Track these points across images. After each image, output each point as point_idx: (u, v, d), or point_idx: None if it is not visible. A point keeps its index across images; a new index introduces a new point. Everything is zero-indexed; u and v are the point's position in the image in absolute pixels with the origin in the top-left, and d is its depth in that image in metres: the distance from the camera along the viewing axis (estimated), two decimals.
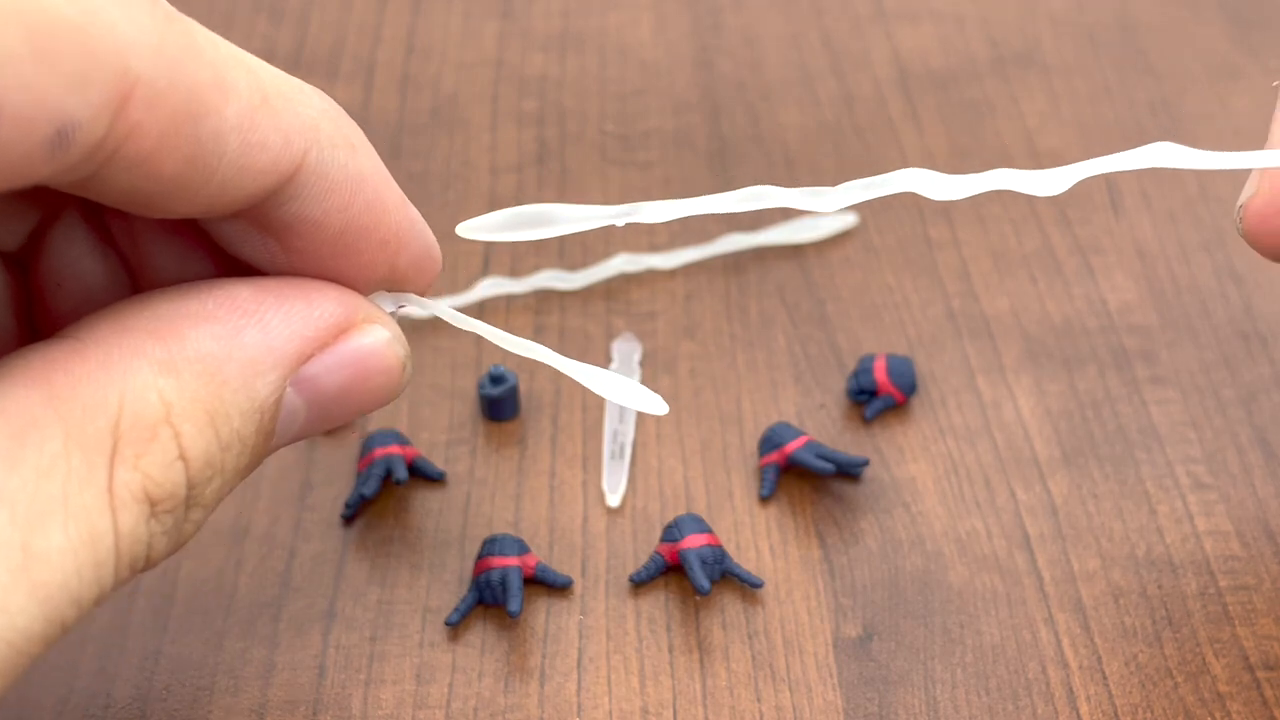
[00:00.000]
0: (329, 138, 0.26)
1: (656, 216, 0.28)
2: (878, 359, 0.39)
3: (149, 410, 0.24)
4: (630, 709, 0.33)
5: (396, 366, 0.28)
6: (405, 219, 0.28)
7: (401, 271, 0.29)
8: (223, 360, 0.25)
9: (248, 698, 0.33)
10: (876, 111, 0.50)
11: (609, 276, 0.43)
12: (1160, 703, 0.32)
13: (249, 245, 0.27)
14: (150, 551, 0.24)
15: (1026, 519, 0.36)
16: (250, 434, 0.26)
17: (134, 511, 0.24)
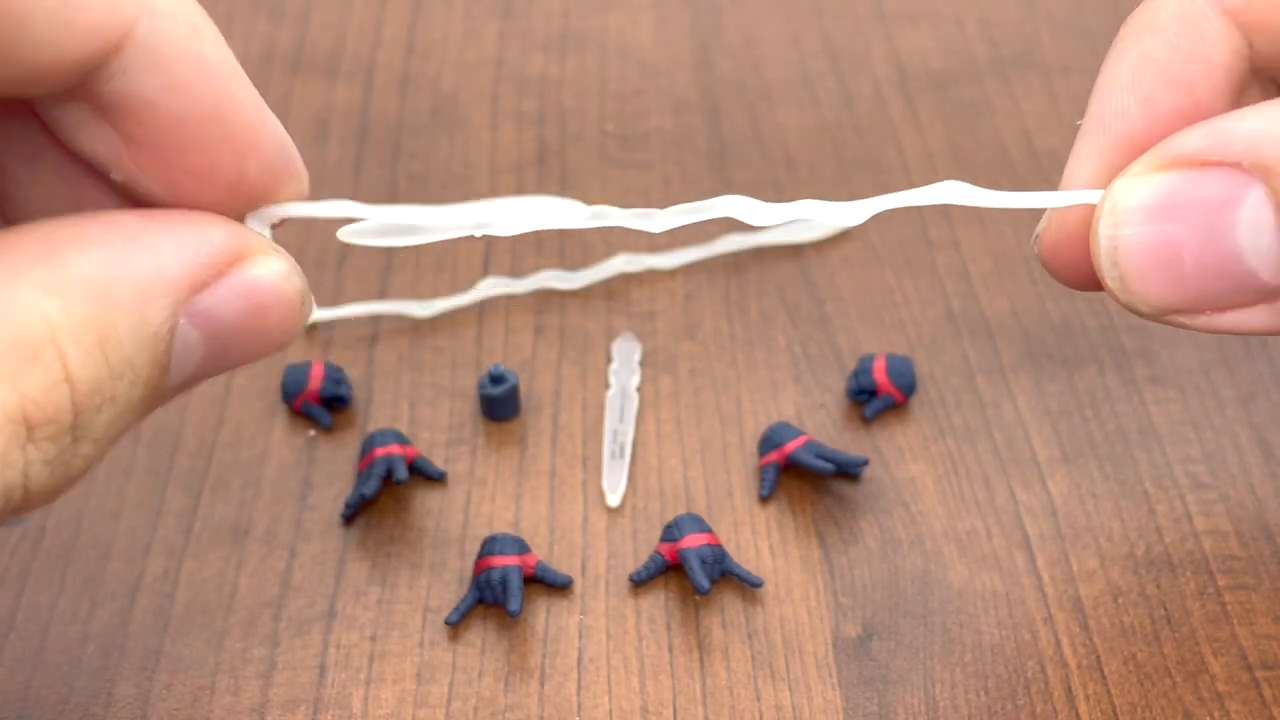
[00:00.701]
0: (165, 12, 0.25)
1: (507, 230, 0.29)
2: (877, 359, 0.39)
3: (31, 331, 0.23)
4: (630, 708, 0.33)
5: (295, 299, 0.27)
6: (256, 117, 0.26)
7: (255, 180, 0.27)
8: (111, 283, 0.24)
9: (248, 697, 0.33)
10: (876, 111, 0.50)
11: (609, 276, 0.43)
12: (1159, 702, 0.32)
13: (88, 136, 0.26)
14: (27, 482, 0.23)
15: (1026, 519, 0.36)
16: (143, 364, 0.25)
17: (6, 433, 0.22)
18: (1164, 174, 0.28)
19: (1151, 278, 0.28)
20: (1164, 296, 0.28)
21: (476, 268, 0.44)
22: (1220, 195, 0.27)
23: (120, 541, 0.36)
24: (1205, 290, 0.28)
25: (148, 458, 0.38)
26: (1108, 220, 0.28)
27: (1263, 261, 0.27)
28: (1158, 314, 0.29)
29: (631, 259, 0.44)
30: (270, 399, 0.40)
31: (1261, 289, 0.28)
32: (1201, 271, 0.28)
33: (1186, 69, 0.30)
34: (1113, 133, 0.30)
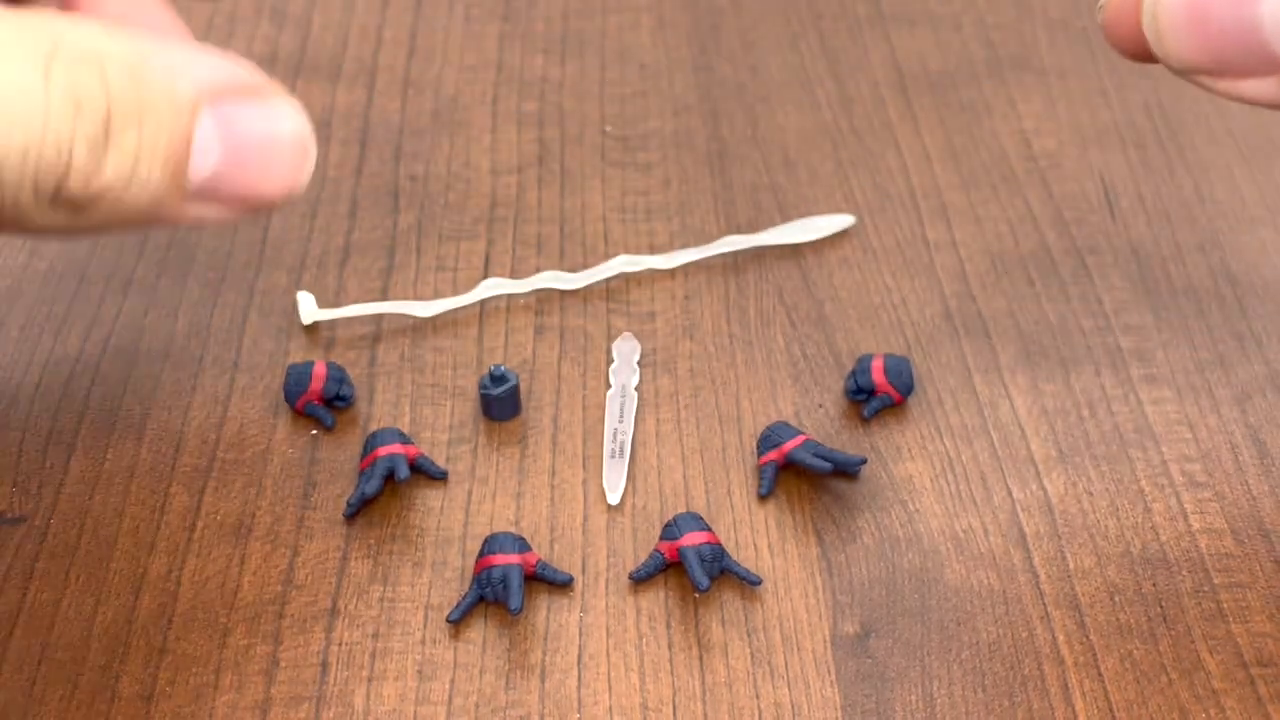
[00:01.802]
0: None
1: None
2: (875, 359, 0.40)
3: (85, 43, 0.29)
4: (630, 705, 0.33)
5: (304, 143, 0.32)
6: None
7: None
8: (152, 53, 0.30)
9: (251, 693, 0.33)
10: (875, 113, 0.50)
11: (609, 276, 0.44)
12: (1155, 699, 0.33)
13: None
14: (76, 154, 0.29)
15: (1023, 517, 0.37)
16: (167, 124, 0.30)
17: (62, 95, 0.28)
18: None
19: (1181, 34, 0.30)
20: (1190, 53, 0.31)
21: (477, 268, 0.44)
22: None
23: (124, 540, 0.37)
24: (1226, 53, 0.30)
25: (151, 456, 0.39)
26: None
27: (1277, 33, 0.29)
28: (1185, 70, 0.31)
29: (631, 259, 0.44)
30: (272, 398, 0.40)
31: (1273, 60, 0.30)
32: (1224, 35, 0.30)
33: None
34: None
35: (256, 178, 0.32)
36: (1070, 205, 0.46)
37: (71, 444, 0.39)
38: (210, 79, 0.31)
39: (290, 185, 0.33)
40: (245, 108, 0.32)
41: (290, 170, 0.33)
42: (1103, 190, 0.47)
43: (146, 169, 0.30)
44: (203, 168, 0.31)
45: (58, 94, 0.29)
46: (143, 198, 0.31)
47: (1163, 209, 0.46)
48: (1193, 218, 0.46)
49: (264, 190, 0.33)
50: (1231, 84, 0.31)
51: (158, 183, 0.31)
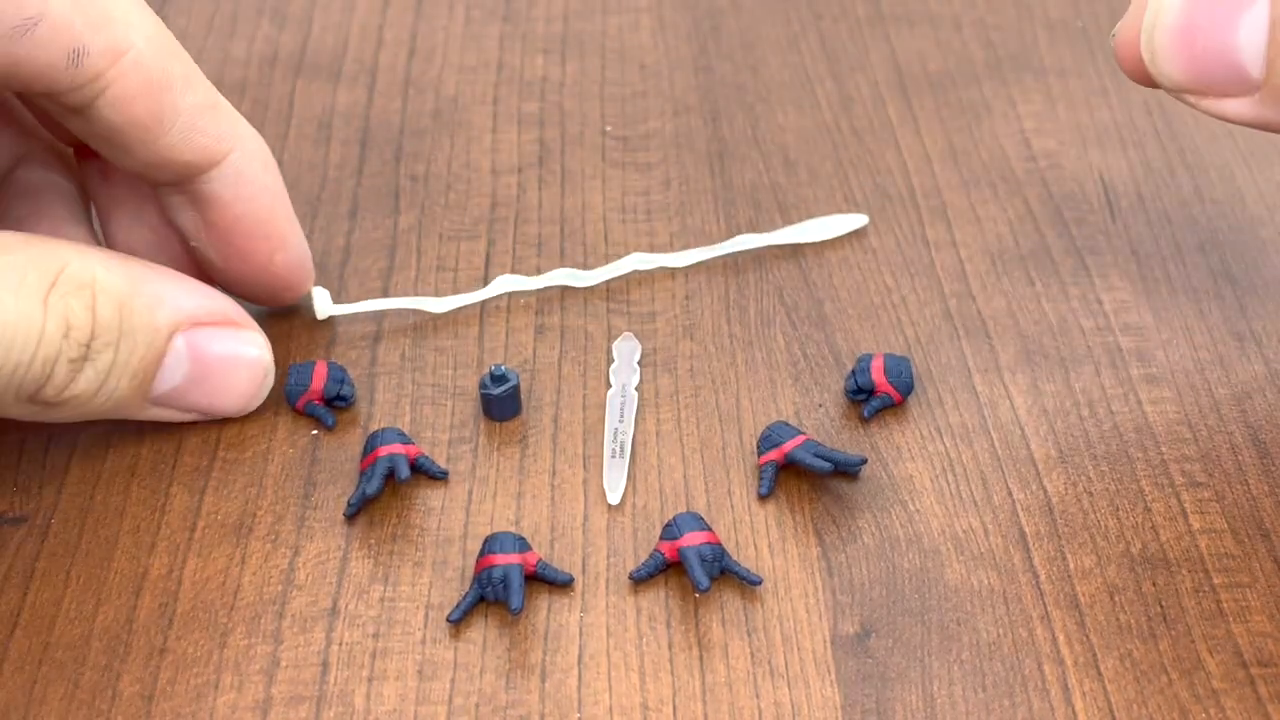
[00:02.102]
0: (250, 151, 0.39)
1: None
2: (875, 358, 0.40)
3: (83, 275, 0.34)
4: (630, 705, 0.33)
5: (263, 369, 0.39)
6: (291, 229, 0.40)
7: (280, 267, 0.40)
8: (141, 282, 0.36)
9: (251, 693, 0.33)
10: (875, 113, 0.51)
11: (622, 274, 0.44)
12: (1155, 699, 0.33)
13: (181, 214, 0.39)
14: (56, 371, 0.34)
15: (1023, 517, 0.37)
16: (142, 346, 0.36)
17: (56, 322, 0.34)
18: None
19: (1172, 55, 0.33)
20: (1179, 74, 0.33)
21: (478, 268, 0.45)
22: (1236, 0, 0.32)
23: (124, 539, 0.37)
24: (1208, 74, 0.33)
25: (151, 456, 0.39)
26: (1153, 4, 0.33)
27: (1252, 57, 0.32)
28: (1175, 89, 0.34)
29: (644, 258, 0.44)
30: (273, 398, 0.40)
31: (1248, 82, 0.33)
32: (1207, 56, 0.33)
33: None
34: None
35: (215, 396, 0.38)
36: (1070, 205, 0.46)
37: (72, 444, 0.39)
38: (191, 309, 0.37)
39: (244, 406, 0.39)
40: (216, 337, 0.38)
41: (246, 394, 0.39)
42: (1103, 190, 0.47)
43: (115, 382, 0.36)
44: (167, 382, 0.37)
45: (52, 322, 0.34)
46: (108, 404, 0.36)
47: (1163, 209, 0.46)
48: (1193, 218, 0.46)
49: (220, 407, 0.39)
50: (1214, 103, 0.34)
51: (122, 393, 0.36)
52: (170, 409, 0.38)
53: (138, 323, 0.36)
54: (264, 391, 0.39)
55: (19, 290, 0.33)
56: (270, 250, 0.40)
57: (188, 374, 0.37)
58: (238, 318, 0.38)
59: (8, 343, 0.33)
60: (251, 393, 0.39)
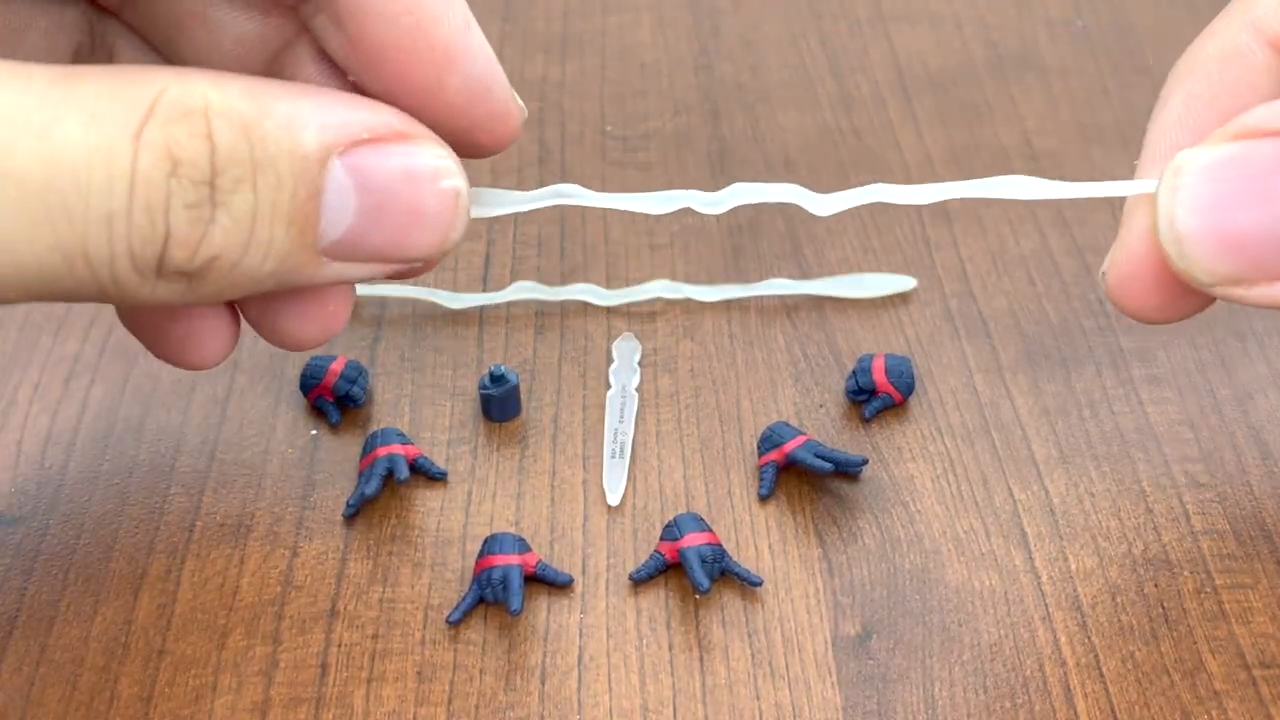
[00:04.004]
0: None
1: None
2: (876, 358, 0.40)
3: (188, 99, 0.27)
4: (630, 707, 0.33)
5: (452, 189, 0.30)
6: (460, 37, 0.30)
7: (454, 95, 0.30)
8: (271, 99, 0.28)
9: (250, 695, 0.33)
10: (875, 113, 0.50)
11: (645, 299, 0.43)
12: (1157, 700, 0.33)
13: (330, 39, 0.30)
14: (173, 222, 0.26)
15: (1024, 518, 0.37)
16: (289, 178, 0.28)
17: (153, 157, 0.26)
18: (1227, 144, 0.28)
19: (1207, 238, 0.28)
20: (1220, 264, 0.28)
21: (478, 268, 0.44)
22: (1275, 158, 0.27)
23: (123, 540, 0.37)
24: (1260, 255, 0.28)
25: (150, 456, 0.39)
26: (1168, 182, 0.28)
27: None
28: (1216, 281, 0.28)
29: (670, 286, 0.43)
30: (272, 398, 0.40)
31: None
32: (1259, 239, 0.27)
33: (1236, 100, 0.30)
34: None
35: (401, 233, 0.30)
36: (1071, 205, 0.46)
37: (70, 444, 0.39)
38: (343, 125, 0.28)
39: (441, 240, 0.30)
40: (384, 156, 0.29)
41: (439, 223, 0.30)
42: None
43: (266, 232, 0.28)
44: (337, 225, 0.29)
45: (148, 157, 0.26)
46: (266, 263, 0.28)
47: None
48: None
49: (411, 246, 0.30)
50: (1267, 290, 0.28)
51: (281, 245, 0.28)
52: (354, 262, 0.30)
53: (276, 149, 0.28)
54: (463, 218, 0.30)
55: (92, 123, 0.26)
56: (438, 69, 0.30)
57: (359, 208, 0.29)
58: (406, 127, 0.30)
59: (84, 186, 0.26)
60: (448, 220, 0.30)
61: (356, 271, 0.30)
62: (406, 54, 0.29)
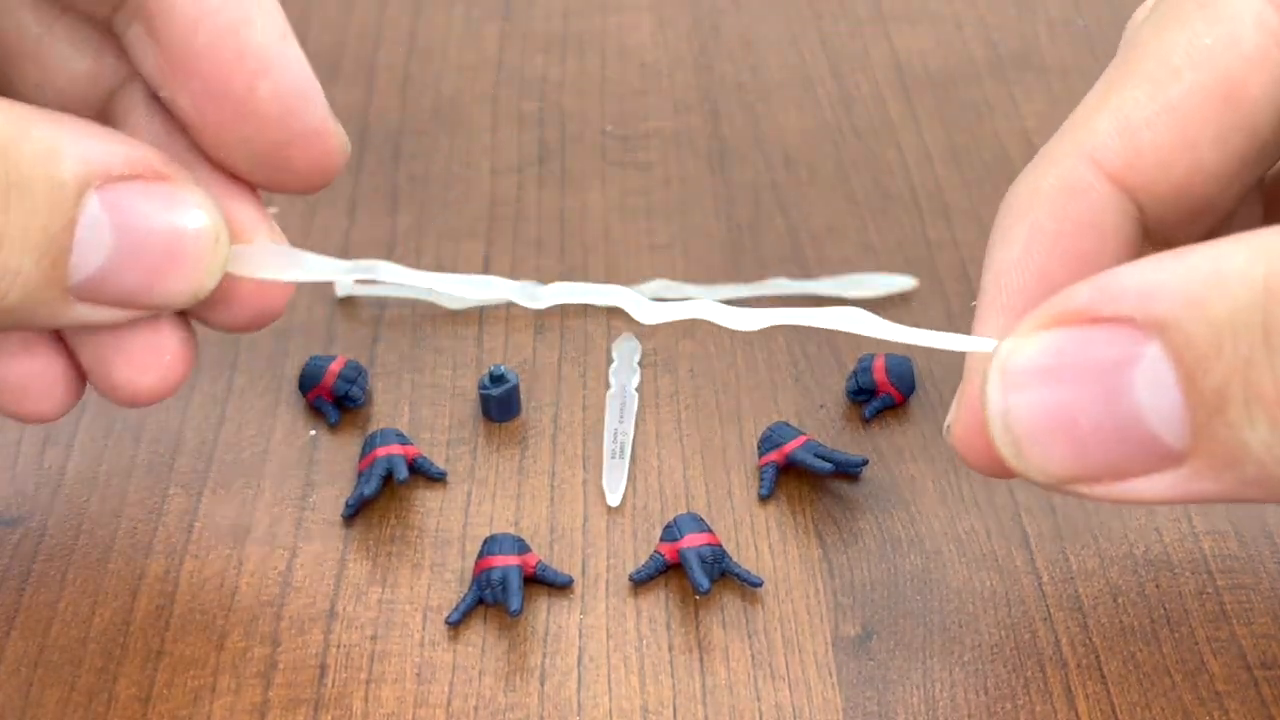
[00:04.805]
0: None
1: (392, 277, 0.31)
2: (877, 359, 0.39)
3: None
4: (630, 707, 0.33)
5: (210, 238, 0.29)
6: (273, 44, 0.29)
7: (267, 104, 0.29)
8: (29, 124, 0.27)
9: (249, 696, 0.33)
10: (875, 112, 0.50)
11: None
12: (1158, 701, 0.32)
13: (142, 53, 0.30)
14: None
15: (1025, 518, 0.37)
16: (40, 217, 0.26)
17: None
18: (1052, 332, 0.26)
19: (1046, 445, 0.26)
20: (1062, 465, 0.26)
21: (477, 268, 0.44)
22: (1115, 354, 0.25)
23: (121, 541, 0.36)
24: (1105, 457, 0.26)
25: (148, 457, 0.39)
26: (996, 384, 0.26)
27: (1165, 423, 0.25)
28: (1056, 484, 0.26)
29: (668, 285, 0.43)
30: (271, 399, 0.40)
31: (1165, 453, 0.25)
32: (1100, 436, 0.25)
33: (1079, 241, 0.29)
34: (1012, 311, 0.29)
35: (155, 276, 0.29)
36: None
37: (69, 445, 0.39)
38: (102, 157, 0.27)
39: (195, 288, 0.29)
40: (144, 195, 0.28)
41: (196, 270, 0.29)
42: None
43: (16, 260, 0.27)
44: (89, 262, 0.28)
45: None
46: (10, 294, 0.27)
47: None
48: None
49: (163, 292, 0.29)
50: (1111, 488, 0.26)
51: (30, 277, 0.27)
52: (102, 305, 0.29)
53: (31, 173, 0.26)
54: (218, 267, 0.29)
55: None
56: (250, 75, 0.29)
57: (114, 246, 0.28)
58: (169, 170, 0.29)
59: None
60: (204, 267, 0.29)
61: (102, 315, 0.29)
62: (217, 57, 0.29)
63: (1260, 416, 0.23)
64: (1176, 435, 0.25)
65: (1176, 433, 0.25)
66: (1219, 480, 0.25)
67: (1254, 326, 0.23)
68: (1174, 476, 0.25)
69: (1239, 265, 0.23)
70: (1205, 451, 0.25)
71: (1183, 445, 0.25)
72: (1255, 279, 0.23)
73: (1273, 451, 0.24)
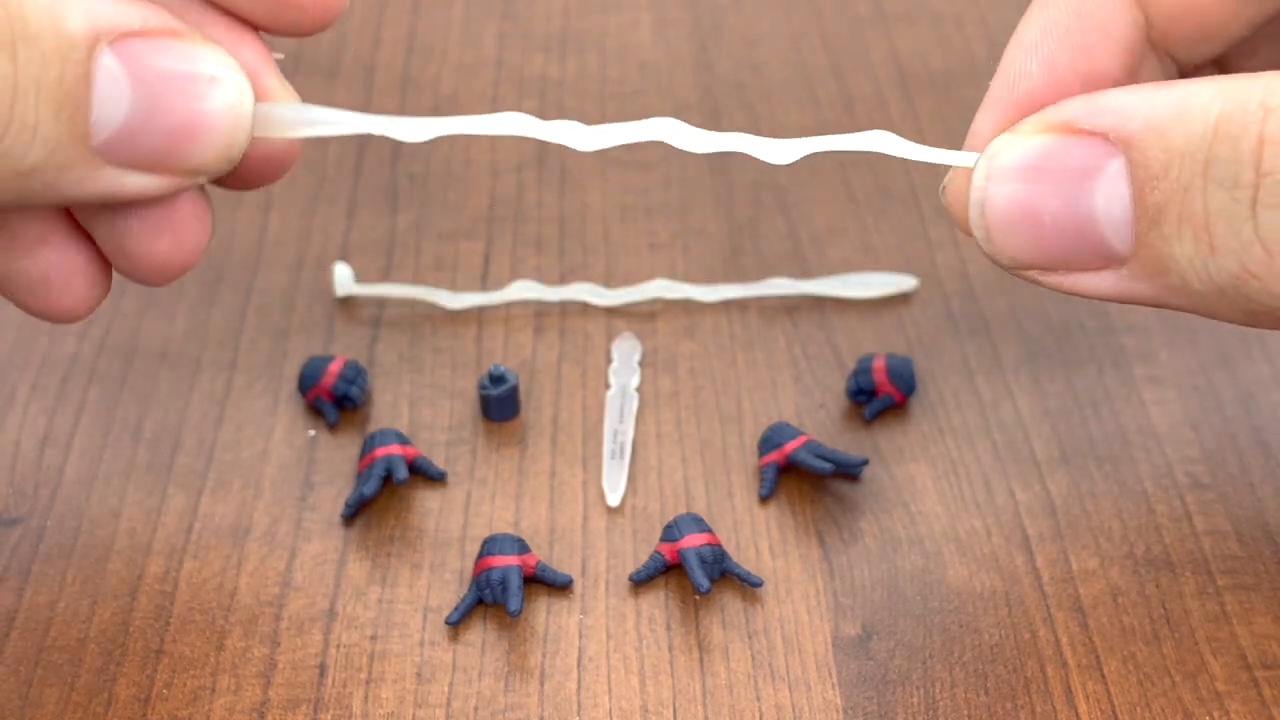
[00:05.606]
0: None
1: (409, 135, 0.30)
2: (877, 359, 0.39)
3: None
4: (630, 708, 0.33)
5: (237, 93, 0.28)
6: None
7: None
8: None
9: (249, 696, 0.33)
10: (876, 112, 0.50)
11: (645, 299, 0.43)
12: (1159, 701, 0.32)
13: None
14: None
15: (1025, 518, 0.37)
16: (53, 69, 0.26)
17: None
18: (1040, 136, 0.29)
19: (1012, 232, 0.30)
20: (1022, 252, 0.30)
21: (477, 267, 0.44)
22: (1084, 162, 0.28)
23: (120, 541, 0.36)
24: (1060, 250, 0.29)
25: (148, 457, 0.39)
26: (981, 174, 0.30)
27: (1114, 229, 0.29)
28: (1015, 268, 0.30)
29: (669, 285, 0.43)
30: (270, 398, 0.40)
31: (1111, 255, 0.29)
32: (1058, 232, 0.29)
33: (1086, 36, 0.32)
34: (1016, 91, 0.32)
35: (180, 137, 0.28)
36: None
37: (68, 445, 0.39)
38: (113, 15, 0.27)
39: (224, 149, 0.28)
40: (161, 50, 0.27)
41: (221, 128, 0.28)
42: None
43: (31, 112, 0.26)
44: (110, 119, 0.27)
45: None
46: (33, 150, 0.26)
47: None
48: None
49: (192, 154, 0.28)
50: (1064, 278, 0.30)
51: (49, 132, 0.26)
52: (128, 166, 0.28)
53: (36, 28, 0.25)
54: (245, 126, 0.28)
55: None
56: None
57: (134, 103, 0.27)
58: (184, 29, 0.28)
59: None
60: (230, 125, 0.28)
61: (136, 181, 0.28)
62: None
63: (1187, 234, 0.27)
64: (1121, 240, 0.29)
65: (1122, 238, 0.29)
66: (1150, 284, 0.29)
67: (1198, 157, 0.27)
68: (1115, 276, 0.29)
69: (1202, 102, 0.27)
70: (1142, 258, 0.28)
71: (1125, 250, 0.29)
72: (1209, 114, 0.27)
73: (1193, 265, 0.28)
